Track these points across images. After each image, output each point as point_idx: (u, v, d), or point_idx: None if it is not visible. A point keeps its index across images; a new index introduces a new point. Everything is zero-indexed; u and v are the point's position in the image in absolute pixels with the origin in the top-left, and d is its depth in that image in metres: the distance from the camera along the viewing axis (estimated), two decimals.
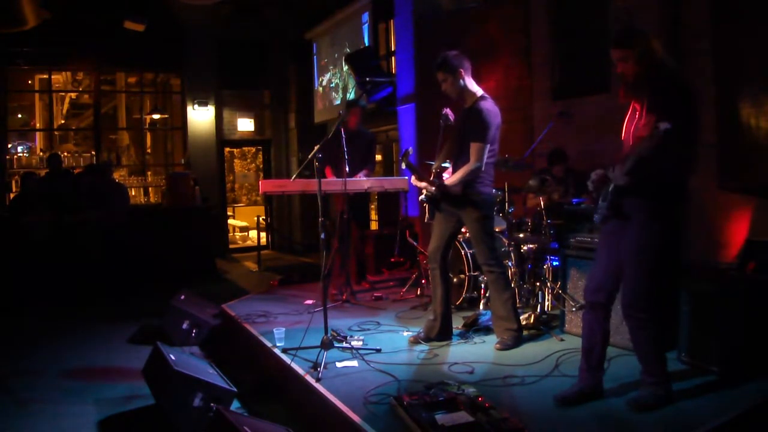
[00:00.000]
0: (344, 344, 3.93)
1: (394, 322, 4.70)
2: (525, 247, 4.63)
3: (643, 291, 2.84)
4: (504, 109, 4.04)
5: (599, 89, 5.26)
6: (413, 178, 4.08)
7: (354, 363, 3.68)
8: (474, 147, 3.79)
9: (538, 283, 4.52)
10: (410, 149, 4.10)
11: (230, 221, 12.96)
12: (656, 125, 2.51)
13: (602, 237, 3.07)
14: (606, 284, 2.98)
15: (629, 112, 2.99)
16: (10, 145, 10.74)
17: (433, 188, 3.95)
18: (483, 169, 3.81)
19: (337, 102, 9.92)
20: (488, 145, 3.79)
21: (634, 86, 2.89)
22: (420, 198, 4.13)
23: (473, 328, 4.31)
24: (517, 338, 3.90)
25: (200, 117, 11.06)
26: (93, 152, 10.97)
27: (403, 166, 4.06)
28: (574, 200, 4.62)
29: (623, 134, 2.99)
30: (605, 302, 3.00)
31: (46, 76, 11.07)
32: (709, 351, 3.27)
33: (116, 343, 5.20)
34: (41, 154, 11.07)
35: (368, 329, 4.50)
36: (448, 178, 3.94)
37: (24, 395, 3.98)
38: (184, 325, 4.94)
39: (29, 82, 11.66)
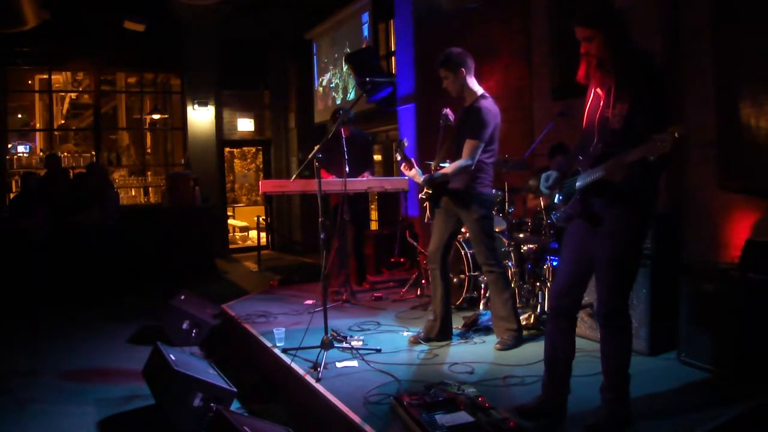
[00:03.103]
0: (344, 344, 3.93)
1: (394, 322, 4.70)
2: (525, 247, 4.63)
3: (623, 297, 2.65)
4: (504, 109, 4.03)
5: None
6: (403, 165, 4.02)
7: (354, 363, 3.68)
8: (468, 144, 3.79)
9: (538, 283, 4.51)
10: (405, 140, 4.06)
11: (230, 221, 12.96)
12: (652, 137, 2.24)
13: (567, 239, 2.82)
14: (571, 290, 2.78)
15: (590, 98, 2.75)
16: (10, 145, 10.74)
17: (421, 180, 3.94)
18: (476, 167, 3.80)
19: (338, 102, 9.92)
20: (482, 144, 3.78)
21: (599, 70, 2.63)
22: (420, 196, 4.13)
23: (473, 328, 4.31)
24: (517, 338, 3.89)
25: (200, 117, 11.06)
26: (93, 152, 10.97)
27: (398, 157, 4.04)
28: None
29: (584, 122, 2.77)
30: (568, 308, 2.78)
31: (46, 76, 11.07)
32: (709, 351, 3.27)
33: (116, 343, 5.20)
34: (41, 154, 11.06)
35: (368, 329, 4.50)
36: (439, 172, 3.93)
37: (24, 395, 3.98)
38: (184, 325, 4.94)
39: (29, 82, 11.66)
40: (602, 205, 2.65)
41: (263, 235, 11.25)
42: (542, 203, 4.49)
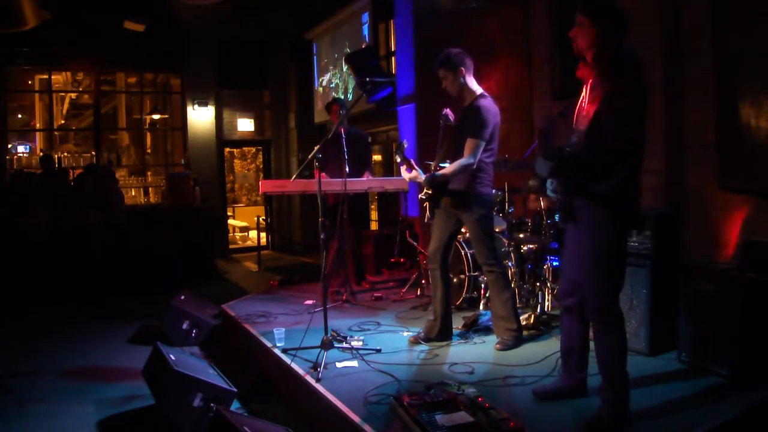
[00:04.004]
0: (344, 344, 3.93)
1: (394, 323, 4.70)
2: (525, 248, 4.63)
3: (606, 295, 2.69)
4: (504, 109, 4.03)
5: None
6: (403, 168, 4.03)
7: (354, 363, 3.68)
8: (469, 142, 3.79)
9: (538, 284, 4.52)
10: (405, 142, 4.07)
11: (230, 221, 12.96)
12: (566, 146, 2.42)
13: (566, 241, 2.91)
14: (575, 290, 2.85)
15: (581, 95, 2.79)
16: (10, 146, 10.74)
17: (422, 180, 3.94)
18: (476, 166, 3.80)
19: None
20: (483, 143, 3.78)
21: (582, 61, 2.68)
22: (420, 196, 4.13)
23: (473, 328, 4.31)
24: (517, 338, 3.89)
25: (200, 117, 11.07)
26: (93, 152, 10.97)
27: (398, 159, 4.04)
28: None
29: (574, 118, 2.84)
30: (575, 306, 2.87)
31: (46, 76, 11.08)
32: (709, 351, 3.26)
33: (116, 343, 5.20)
34: (41, 154, 11.08)
35: (368, 329, 4.50)
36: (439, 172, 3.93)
37: (24, 395, 3.99)
38: (184, 325, 4.94)
39: (29, 82, 11.67)
40: (578, 205, 2.71)
41: (263, 235, 11.25)
42: (542, 204, 4.49)
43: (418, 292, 5.59)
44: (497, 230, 4.62)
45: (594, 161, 2.58)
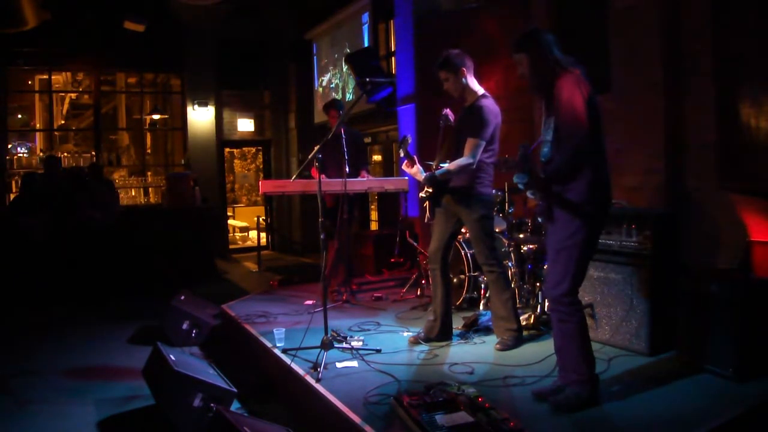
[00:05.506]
0: (344, 344, 3.93)
1: (394, 323, 4.70)
2: (525, 248, 4.63)
3: (563, 285, 2.85)
4: (504, 109, 4.03)
5: (599, 89, 5.24)
6: (404, 163, 4.02)
7: (354, 363, 3.68)
8: (469, 142, 3.78)
9: (538, 284, 4.51)
10: (408, 137, 4.05)
11: (230, 221, 12.97)
12: None
13: (546, 241, 3.12)
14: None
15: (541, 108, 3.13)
16: (10, 146, 10.73)
17: (422, 178, 3.93)
18: (476, 166, 3.79)
19: None
20: (483, 142, 3.78)
21: (531, 88, 3.05)
22: (420, 195, 4.12)
23: (473, 328, 4.31)
24: (517, 338, 3.89)
25: (200, 117, 11.07)
26: (93, 152, 10.97)
27: (401, 153, 4.04)
28: None
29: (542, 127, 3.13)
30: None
31: (46, 76, 11.08)
32: (709, 351, 3.27)
33: (116, 343, 5.20)
34: (41, 154, 11.07)
35: (368, 329, 4.50)
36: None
37: (24, 395, 3.98)
38: (184, 326, 4.94)
39: (29, 82, 11.66)
40: (554, 205, 2.96)
41: (263, 235, 11.25)
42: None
43: (418, 292, 5.59)
44: (497, 230, 4.62)
45: (563, 170, 2.87)
